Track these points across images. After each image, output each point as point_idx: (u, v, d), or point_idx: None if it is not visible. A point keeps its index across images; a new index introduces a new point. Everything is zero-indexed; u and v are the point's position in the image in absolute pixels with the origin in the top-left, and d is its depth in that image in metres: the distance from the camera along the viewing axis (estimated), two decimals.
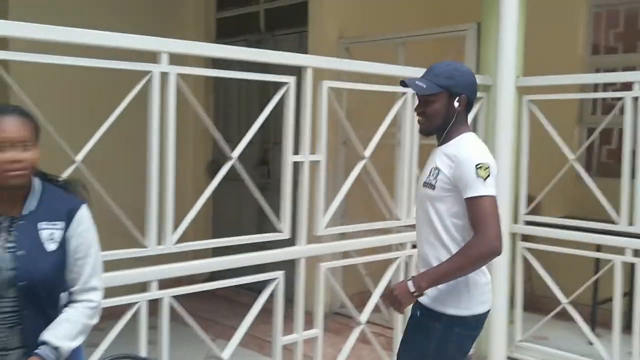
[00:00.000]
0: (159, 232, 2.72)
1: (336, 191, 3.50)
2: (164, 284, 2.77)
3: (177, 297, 2.81)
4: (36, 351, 1.86)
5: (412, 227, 3.83)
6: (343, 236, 4.21)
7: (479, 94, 4.05)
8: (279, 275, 3.11)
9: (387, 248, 3.75)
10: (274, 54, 3.18)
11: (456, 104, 2.38)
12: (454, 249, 2.34)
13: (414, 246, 3.76)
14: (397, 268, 3.63)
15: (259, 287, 3.14)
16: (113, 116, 2.56)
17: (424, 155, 3.75)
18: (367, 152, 3.44)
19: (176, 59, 2.72)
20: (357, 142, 3.42)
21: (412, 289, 2.29)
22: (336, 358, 3.52)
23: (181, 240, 2.80)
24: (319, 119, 3.22)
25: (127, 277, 2.64)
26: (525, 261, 4.19)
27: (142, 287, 2.73)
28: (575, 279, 4.17)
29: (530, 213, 4.17)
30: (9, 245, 1.84)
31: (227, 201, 5.76)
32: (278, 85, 3.11)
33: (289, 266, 3.18)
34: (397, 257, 3.64)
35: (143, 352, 2.65)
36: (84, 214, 1.96)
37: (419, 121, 2.48)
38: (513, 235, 4.09)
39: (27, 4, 4.70)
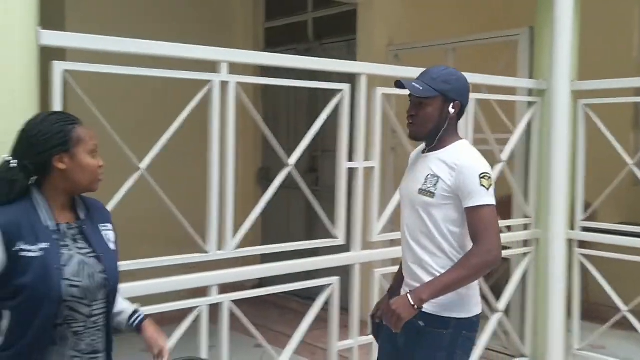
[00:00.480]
0: (219, 238, 2.78)
1: (385, 197, 3.50)
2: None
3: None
4: (138, 318, 2.04)
5: None
6: (393, 243, 4.22)
7: (532, 99, 4.04)
8: (335, 281, 3.13)
9: None
10: (331, 62, 3.22)
11: (451, 110, 2.35)
12: (455, 257, 2.32)
13: None
14: None
15: (307, 294, 3.17)
16: (176, 124, 2.63)
17: None
18: None
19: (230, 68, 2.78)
20: (410, 148, 3.41)
21: (412, 302, 2.20)
22: None
23: (239, 247, 2.85)
24: (373, 125, 3.24)
25: (189, 282, 2.71)
26: (582, 268, 4.11)
27: (189, 293, 2.78)
28: (633, 287, 4.08)
29: (586, 219, 4.09)
30: (87, 250, 1.87)
31: (277, 208, 5.81)
32: (328, 93, 3.14)
33: (338, 272, 3.19)
34: None
35: (204, 355, 2.70)
36: None
37: (409, 125, 2.41)
38: (569, 242, 4.01)
39: (83, 17, 4.87)
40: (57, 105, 2.33)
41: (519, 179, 4.26)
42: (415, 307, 2.21)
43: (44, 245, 1.76)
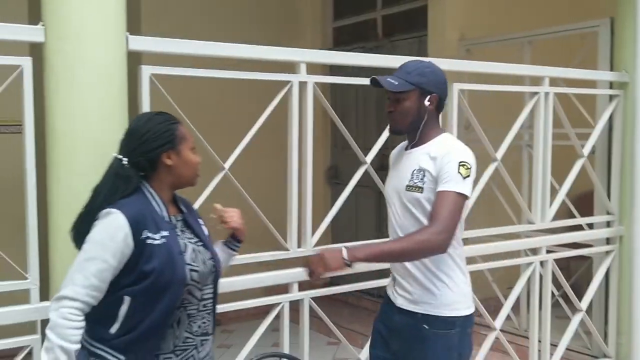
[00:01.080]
0: (298, 235, 2.82)
1: None
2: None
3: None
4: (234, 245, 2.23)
5: (546, 231, 3.76)
6: (466, 241, 4.16)
7: (614, 92, 3.90)
8: None
9: (515, 253, 3.67)
10: (404, 59, 3.18)
11: (427, 103, 2.31)
12: (451, 250, 2.25)
13: (548, 251, 3.66)
14: (532, 273, 3.53)
15: (379, 292, 3.15)
16: (257, 124, 2.68)
17: (559, 157, 3.67)
18: (499, 154, 3.38)
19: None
20: (487, 144, 3.36)
21: (345, 256, 2.13)
22: None
23: (317, 244, 2.88)
24: (449, 122, 3.20)
25: (271, 279, 2.77)
26: None
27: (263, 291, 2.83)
28: None
29: None
30: (195, 239, 2.01)
31: (346, 206, 5.84)
32: None
33: None
34: (532, 263, 3.55)
35: (286, 350, 2.75)
36: None
37: (389, 121, 2.40)
38: None
39: (157, 23, 5.02)
40: (145, 108, 2.42)
41: (601, 175, 4.13)
42: (347, 263, 2.13)
43: (165, 233, 1.89)
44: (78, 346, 1.81)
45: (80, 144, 2.21)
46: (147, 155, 1.93)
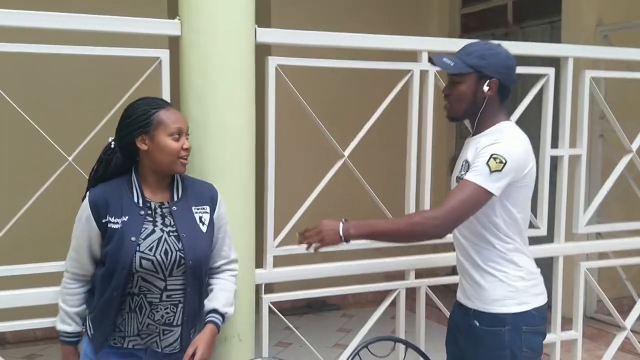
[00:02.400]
0: None
1: (592, 187, 3.29)
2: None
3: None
4: (209, 319, 2.09)
5: None
6: (599, 236, 3.96)
7: None
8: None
9: None
10: (535, 45, 3.10)
11: (485, 88, 2.12)
12: (503, 248, 2.15)
13: None
14: None
15: None
16: (377, 113, 2.71)
17: None
18: (635, 146, 3.18)
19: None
20: (622, 135, 3.18)
21: (341, 231, 2.05)
22: None
23: None
24: (581, 111, 3.07)
25: (387, 265, 2.81)
26: None
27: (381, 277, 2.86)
28: None
29: None
30: (171, 228, 2.01)
31: None
32: (525, 78, 3.02)
33: (539, 264, 3.04)
34: None
35: (401, 335, 2.78)
36: (221, 197, 2.16)
37: (444, 105, 2.23)
38: None
39: (287, 14, 5.18)
40: (271, 98, 2.53)
41: None
42: (342, 237, 2.05)
43: (125, 218, 1.96)
44: (74, 309, 2.07)
45: (211, 131, 2.35)
46: (124, 139, 2.01)
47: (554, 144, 3.01)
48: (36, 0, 2.78)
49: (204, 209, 2.09)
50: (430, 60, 2.24)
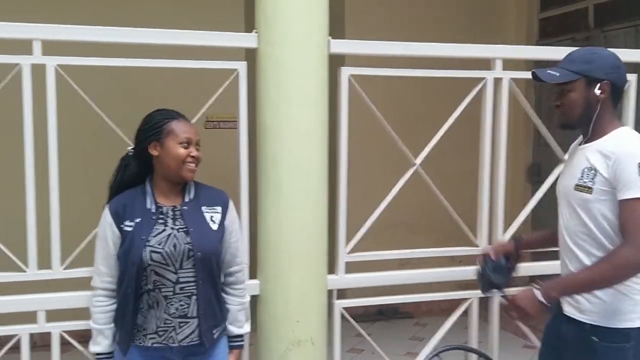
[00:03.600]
0: (489, 232, 2.81)
1: None
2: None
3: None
4: (234, 344, 2.25)
5: None
6: None
7: None
8: None
9: None
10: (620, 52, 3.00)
11: (597, 92, 2.06)
12: None
13: None
14: None
15: None
16: (450, 120, 2.72)
17: None
18: None
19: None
20: None
21: (540, 298, 1.96)
22: None
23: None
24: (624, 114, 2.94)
25: (458, 274, 2.78)
26: None
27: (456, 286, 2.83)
28: None
29: None
30: (181, 226, 2.11)
31: (546, 204, 5.59)
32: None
33: None
34: None
35: (474, 345, 2.76)
36: (232, 203, 2.24)
37: (557, 114, 2.17)
38: None
39: (362, 24, 5.23)
40: (344, 107, 2.58)
41: None
42: (545, 303, 1.97)
43: (137, 220, 2.08)
44: (105, 327, 2.13)
45: (285, 138, 2.43)
46: (139, 146, 2.14)
47: None
48: (119, 18, 2.95)
49: (215, 209, 2.19)
50: (534, 75, 2.20)
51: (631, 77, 2.87)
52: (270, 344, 2.49)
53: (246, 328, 2.31)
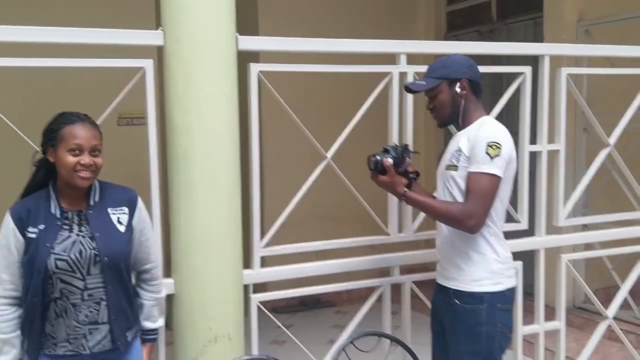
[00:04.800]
0: (399, 222, 2.91)
1: (577, 181, 3.37)
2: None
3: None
4: (146, 338, 2.27)
5: None
6: (585, 228, 4.04)
7: None
8: (518, 265, 3.10)
9: (637, 240, 3.52)
10: (507, 45, 3.21)
11: (458, 89, 2.44)
12: (488, 234, 2.39)
13: None
14: None
15: None
16: (358, 115, 2.79)
17: None
18: (612, 140, 3.26)
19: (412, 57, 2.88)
20: (599, 129, 3.26)
21: (401, 191, 2.43)
22: (580, 354, 3.40)
23: (418, 230, 2.97)
24: (557, 107, 3.14)
25: (371, 262, 2.88)
26: None
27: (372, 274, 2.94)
28: None
29: None
30: (86, 231, 2.06)
31: None
32: (511, 76, 3.10)
33: (521, 257, 3.13)
34: None
35: (388, 330, 2.86)
36: (140, 201, 2.21)
37: (433, 117, 2.54)
38: None
39: (275, 20, 5.25)
40: (254, 104, 2.60)
41: None
42: (402, 198, 2.45)
43: (41, 226, 2.02)
44: (11, 335, 2.05)
45: (195, 137, 2.42)
46: (42, 151, 2.10)
47: (533, 141, 3.08)
48: (24, 16, 2.84)
49: (121, 210, 2.14)
50: (407, 88, 2.59)
51: (525, 69, 3.02)
52: (187, 342, 2.49)
53: (160, 322, 2.32)
